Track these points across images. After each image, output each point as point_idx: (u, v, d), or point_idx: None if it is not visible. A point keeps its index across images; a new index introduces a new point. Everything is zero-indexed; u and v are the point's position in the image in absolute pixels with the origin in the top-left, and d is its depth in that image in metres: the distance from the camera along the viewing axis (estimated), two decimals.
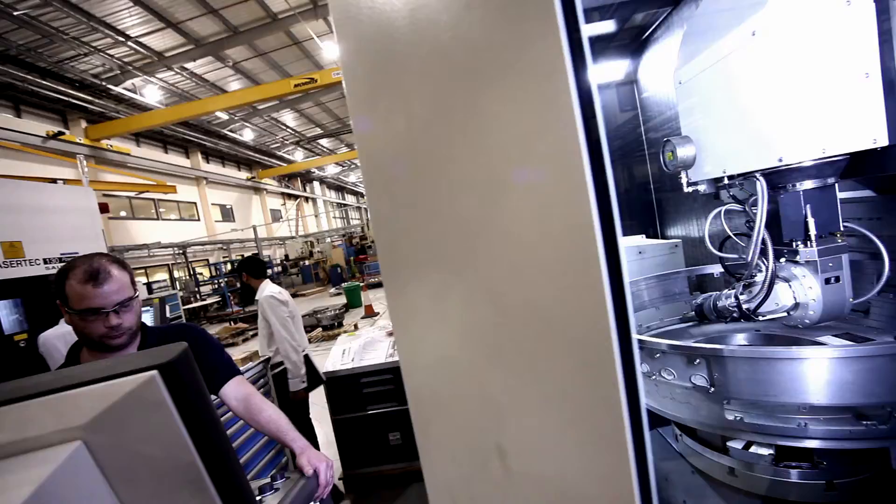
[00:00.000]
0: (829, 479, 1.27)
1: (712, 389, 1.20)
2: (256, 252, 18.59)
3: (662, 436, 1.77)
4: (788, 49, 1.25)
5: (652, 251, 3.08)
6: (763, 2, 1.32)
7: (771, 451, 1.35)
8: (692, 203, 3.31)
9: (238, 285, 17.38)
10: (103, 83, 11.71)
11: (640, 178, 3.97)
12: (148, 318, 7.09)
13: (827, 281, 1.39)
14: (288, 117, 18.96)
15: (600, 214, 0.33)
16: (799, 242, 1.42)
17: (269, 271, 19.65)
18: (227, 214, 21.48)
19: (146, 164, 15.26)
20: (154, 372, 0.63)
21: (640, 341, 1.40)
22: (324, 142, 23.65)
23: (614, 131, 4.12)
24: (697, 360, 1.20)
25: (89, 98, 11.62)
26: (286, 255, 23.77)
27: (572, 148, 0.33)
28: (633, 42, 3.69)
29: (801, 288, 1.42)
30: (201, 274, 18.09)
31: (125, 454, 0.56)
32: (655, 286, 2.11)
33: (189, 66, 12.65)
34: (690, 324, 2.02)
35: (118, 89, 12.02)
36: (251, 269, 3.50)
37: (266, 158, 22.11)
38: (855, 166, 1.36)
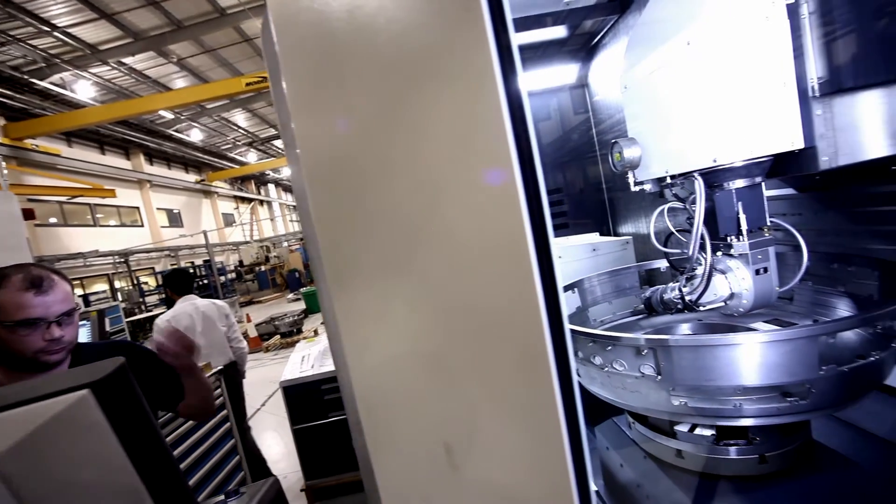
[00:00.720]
0: (761, 454, 1.38)
1: (659, 377, 1.27)
2: (208, 259, 17.64)
3: (617, 424, 1.86)
4: (718, 58, 1.35)
5: (605, 248, 3.23)
6: (697, 14, 1.42)
7: (712, 432, 1.46)
8: (641, 201, 3.50)
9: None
10: (25, 76, 10.65)
11: (594, 178, 4.14)
12: (84, 334, 6.53)
13: (757, 272, 1.51)
14: (239, 117, 18.13)
15: (531, 215, 0.35)
16: (733, 237, 1.54)
17: (223, 278, 18.74)
18: (174, 219, 20.25)
19: (80, 166, 14.04)
20: (86, 391, 0.59)
21: (591, 335, 1.46)
22: (278, 143, 22.85)
23: (568, 133, 4.27)
24: (645, 351, 1.28)
25: (8, 93, 10.53)
26: (240, 261, 22.77)
27: (502, 151, 0.34)
28: (583, 47, 3.84)
29: (736, 279, 1.54)
30: (146, 283, 16.93)
31: (52, 483, 0.52)
32: (607, 282, 2.21)
33: (127, 60, 11.78)
34: (641, 316, 2.13)
35: (44, 84, 10.99)
36: (171, 283, 3.53)
37: (216, 160, 21.03)
38: (778, 167, 1.49)
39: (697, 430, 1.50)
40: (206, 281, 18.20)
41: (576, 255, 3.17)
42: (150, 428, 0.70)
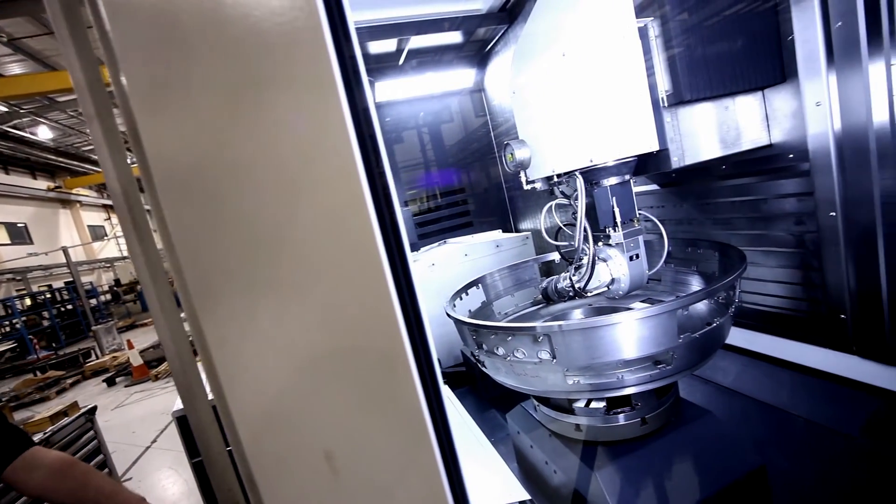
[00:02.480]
0: (642, 416, 1.59)
1: (554, 361, 1.39)
2: (72, 280, 14.89)
3: (525, 409, 1.98)
4: (588, 70, 1.51)
5: (507, 244, 3.43)
6: (569, 29, 1.57)
7: (604, 404, 1.63)
8: (537, 199, 3.78)
9: (45, 324, 13.70)
10: None
11: (495, 178, 4.37)
12: None
13: (631, 258, 1.73)
14: None
15: (380, 218, 0.36)
16: (610, 228, 1.73)
17: (94, 301, 15.99)
18: (19, 235, 16.70)
19: None
20: None
21: (490, 328, 1.54)
22: None
23: (470, 135, 4.44)
24: (540, 338, 1.38)
25: None
26: (116, 280, 19.65)
27: (347, 159, 0.34)
28: (478, 53, 4.03)
29: (615, 265, 1.73)
30: None
31: None
32: (508, 276, 2.35)
33: None
34: (540, 306, 2.30)
35: None
36: None
37: (76, 163, 17.75)
38: (641, 166, 1.72)
39: (592, 404, 1.67)
40: (69, 307, 15.36)
41: (481, 251, 3.32)
42: None
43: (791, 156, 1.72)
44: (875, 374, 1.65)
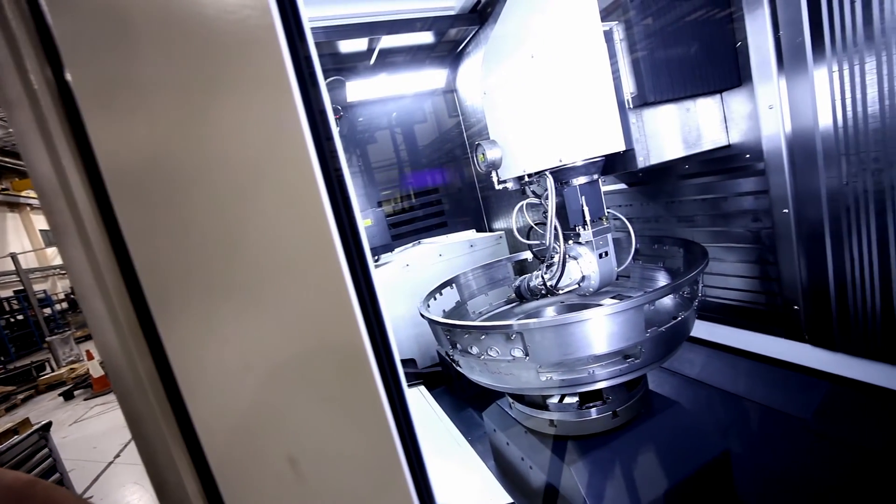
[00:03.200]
0: (614, 410, 1.63)
1: (527, 358, 1.41)
2: (23, 289, 13.96)
3: (501, 407, 2.00)
4: (556, 72, 1.54)
5: (481, 244, 3.46)
6: (536, 32, 1.59)
7: (577, 399, 1.67)
8: (510, 199, 3.82)
9: None
10: None
11: (468, 178, 4.39)
12: None
13: (600, 256, 1.77)
14: None
15: (337, 219, 0.35)
16: (580, 227, 1.77)
17: (48, 310, 15.08)
18: None
19: None
20: None
21: (462, 327, 1.55)
22: None
23: (444, 135, 4.45)
24: (513, 336, 1.40)
25: None
26: (73, 288, 18.54)
27: (304, 163, 0.34)
28: (450, 54, 4.04)
29: (585, 263, 1.78)
30: None
31: None
32: (482, 275, 2.37)
33: None
34: (514, 304, 2.33)
35: None
36: None
37: (22, 164, 16.63)
38: (609, 165, 1.76)
39: (566, 400, 1.70)
40: (20, 317, 14.39)
41: (455, 251, 3.34)
42: None
43: (748, 156, 1.81)
44: (824, 360, 1.76)
